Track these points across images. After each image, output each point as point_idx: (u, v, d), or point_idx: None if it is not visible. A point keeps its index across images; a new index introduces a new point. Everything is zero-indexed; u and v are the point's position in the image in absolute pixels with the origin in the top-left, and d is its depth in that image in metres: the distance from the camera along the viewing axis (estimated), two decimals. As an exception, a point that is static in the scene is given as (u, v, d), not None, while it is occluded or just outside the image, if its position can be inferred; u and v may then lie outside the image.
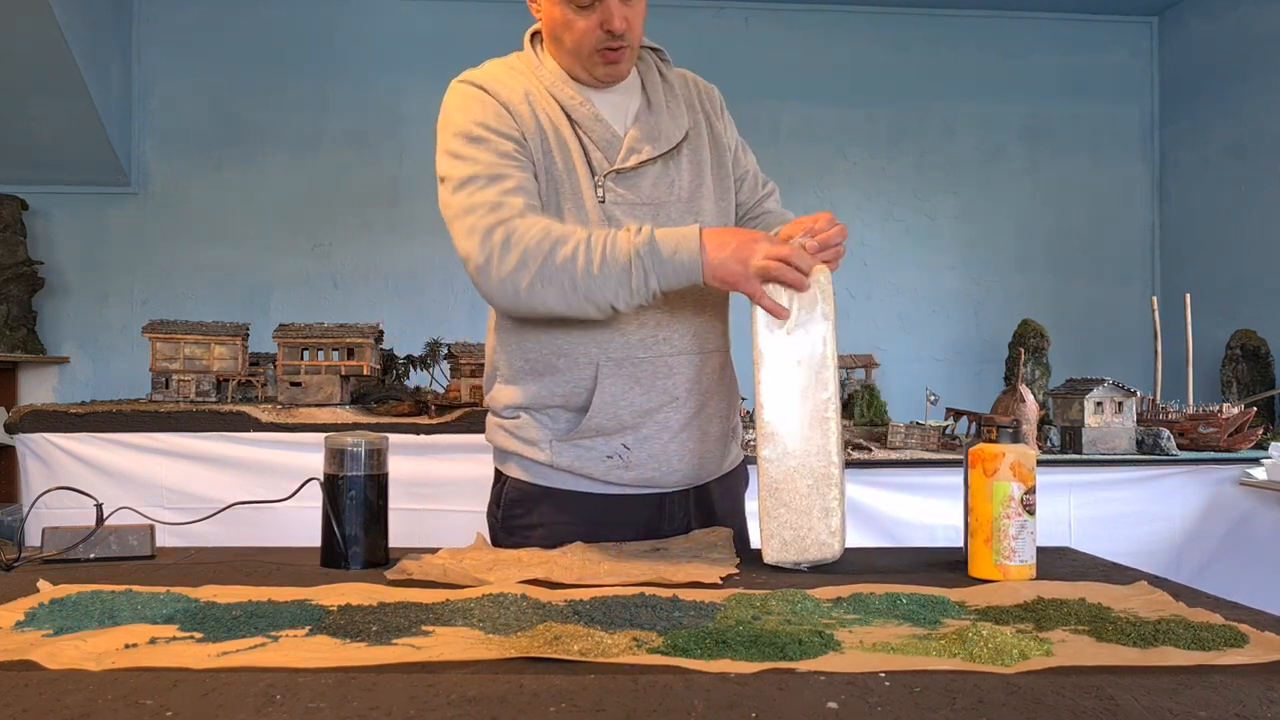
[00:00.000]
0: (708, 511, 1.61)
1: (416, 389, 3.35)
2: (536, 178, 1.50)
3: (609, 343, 1.50)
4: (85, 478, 2.89)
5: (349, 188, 4.57)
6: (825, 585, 1.23)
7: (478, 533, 1.58)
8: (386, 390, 3.23)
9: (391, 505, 1.43)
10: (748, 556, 1.42)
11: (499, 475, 1.64)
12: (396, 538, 1.44)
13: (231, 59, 4.55)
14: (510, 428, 1.58)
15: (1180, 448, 3.01)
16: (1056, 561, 1.43)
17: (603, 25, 1.47)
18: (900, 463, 2.93)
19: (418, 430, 3.00)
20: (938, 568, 1.38)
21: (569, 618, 1.06)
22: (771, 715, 0.79)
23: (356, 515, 1.39)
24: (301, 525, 1.74)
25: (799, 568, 1.36)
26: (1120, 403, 3.00)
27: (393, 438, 1.50)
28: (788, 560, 1.36)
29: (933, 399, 3.12)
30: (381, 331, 3.27)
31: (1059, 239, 4.82)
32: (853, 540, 1.77)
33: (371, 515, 1.40)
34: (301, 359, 3.14)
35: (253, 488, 2.68)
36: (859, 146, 4.78)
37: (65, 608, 1.08)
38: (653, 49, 1.65)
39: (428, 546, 1.45)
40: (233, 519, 1.52)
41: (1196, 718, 0.79)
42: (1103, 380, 3.02)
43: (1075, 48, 4.85)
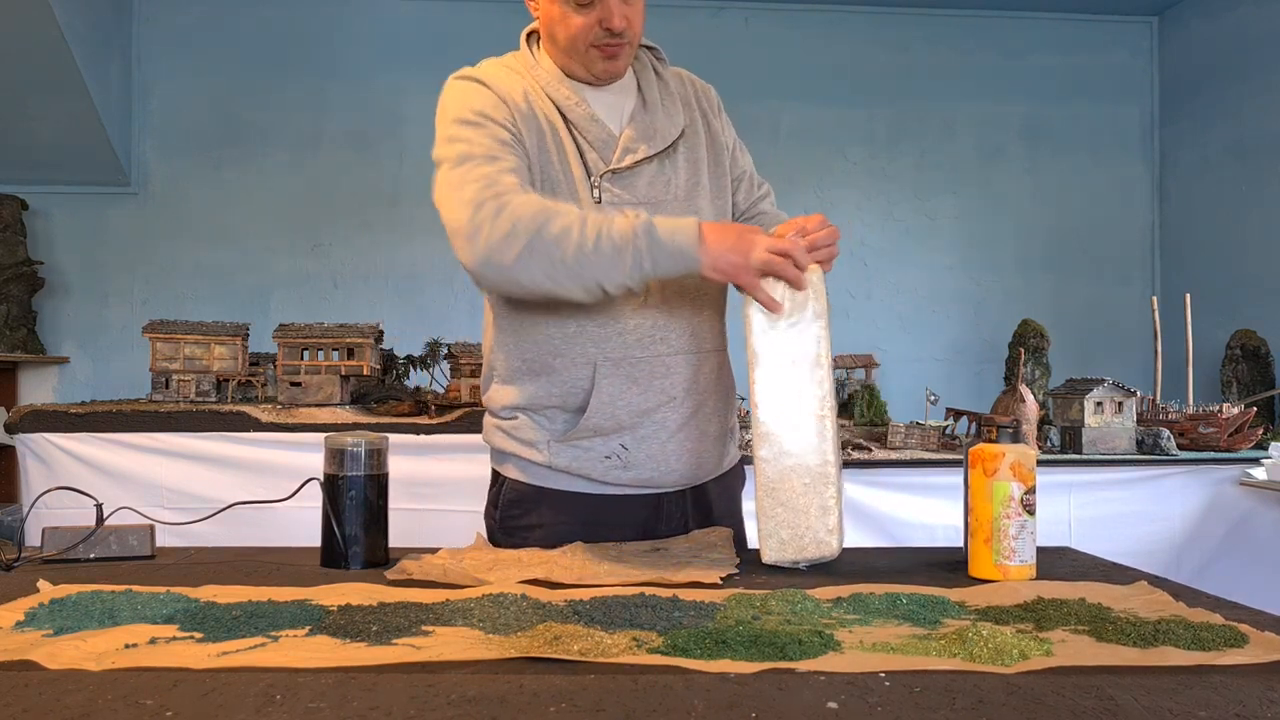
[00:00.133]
0: (705, 511, 1.61)
1: (416, 389, 3.35)
2: (530, 171, 1.50)
3: (606, 342, 1.50)
4: (85, 478, 2.89)
5: (349, 188, 4.57)
6: (825, 585, 1.23)
7: (478, 533, 1.58)
8: (386, 390, 3.23)
9: (391, 505, 1.43)
10: (747, 556, 1.42)
11: (496, 476, 1.64)
12: (396, 538, 1.44)
13: (231, 59, 4.55)
14: (508, 428, 1.58)
15: (1180, 448, 3.01)
16: (1056, 561, 1.43)
17: (602, 23, 1.47)
18: (900, 463, 2.93)
19: (418, 430, 3.00)
20: (938, 568, 1.38)
21: (569, 618, 1.06)
22: (771, 715, 0.79)
23: (356, 515, 1.39)
24: (301, 525, 1.74)
25: (797, 566, 1.36)
26: (1120, 403, 3.00)
27: (393, 438, 1.50)
28: (786, 559, 1.36)
29: (933, 399, 3.12)
30: (381, 331, 3.27)
31: (1059, 239, 4.82)
32: (853, 540, 1.77)
33: (371, 515, 1.40)
34: (301, 359, 3.14)
35: (253, 488, 2.67)
36: (859, 146, 4.78)
37: (65, 608, 1.08)
38: (648, 48, 1.64)
39: (428, 546, 1.45)
40: (233, 519, 1.52)
41: (1196, 718, 0.79)
42: (1103, 380, 3.02)
43: (1075, 48, 4.85)
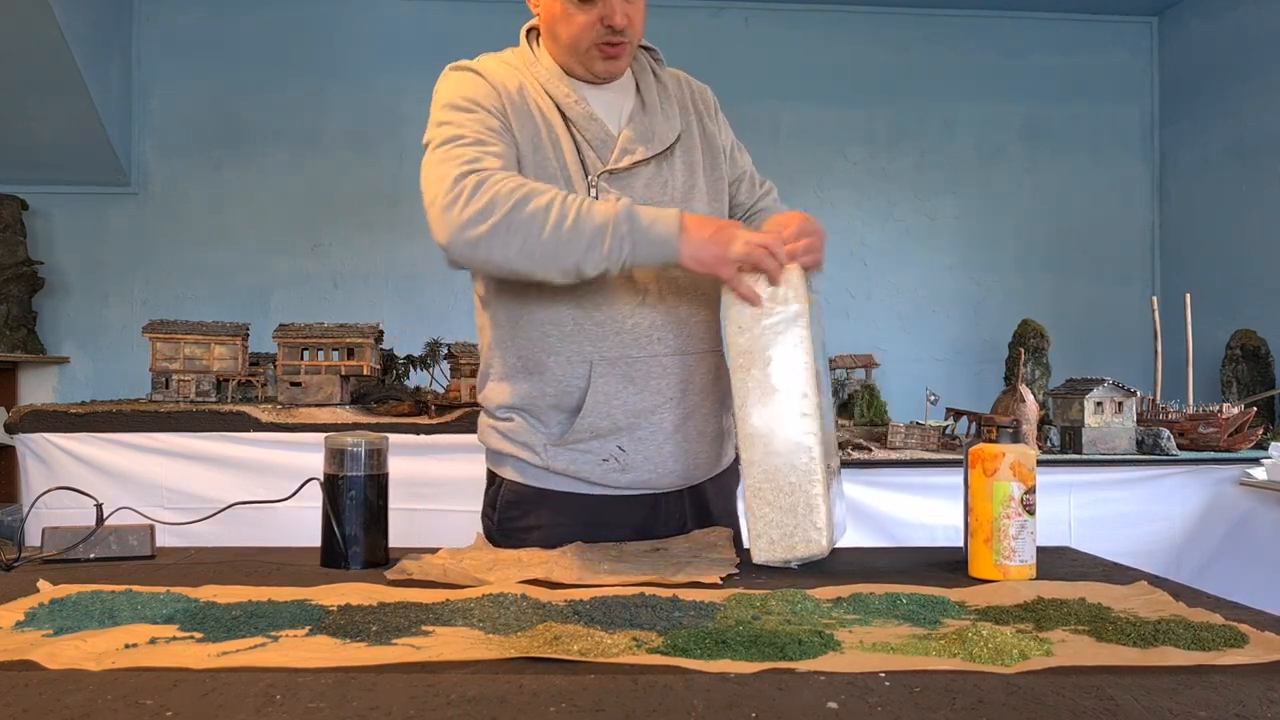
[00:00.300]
0: (703, 511, 1.61)
1: (416, 389, 3.35)
2: (519, 165, 1.49)
3: (603, 341, 1.49)
4: (85, 478, 2.89)
5: (349, 188, 4.57)
6: (825, 585, 1.23)
7: (478, 533, 1.58)
8: (386, 390, 3.23)
9: (391, 505, 1.43)
10: (746, 556, 1.42)
11: (492, 477, 1.63)
12: (396, 538, 1.44)
13: (231, 59, 4.55)
14: (504, 430, 1.57)
15: (1180, 448, 3.01)
16: (1056, 561, 1.43)
17: (603, 20, 1.47)
18: (900, 463, 2.93)
19: (418, 430, 3.00)
20: (938, 568, 1.38)
21: (569, 618, 1.06)
22: (771, 715, 0.79)
23: (356, 515, 1.39)
24: (301, 525, 1.74)
25: (789, 566, 1.36)
26: (1120, 403, 3.00)
27: (392, 438, 1.50)
28: (776, 559, 1.36)
29: (933, 399, 3.12)
30: (381, 331, 3.27)
31: (1059, 239, 4.82)
32: (853, 540, 1.76)
33: (371, 515, 1.40)
34: (301, 359, 3.14)
35: (253, 488, 2.68)
36: (859, 146, 4.78)
37: (65, 608, 1.08)
38: (646, 49, 1.64)
39: (428, 546, 1.45)
40: (233, 519, 1.52)
41: (1196, 718, 0.79)
42: (1103, 380, 3.02)
43: (1075, 48, 4.85)
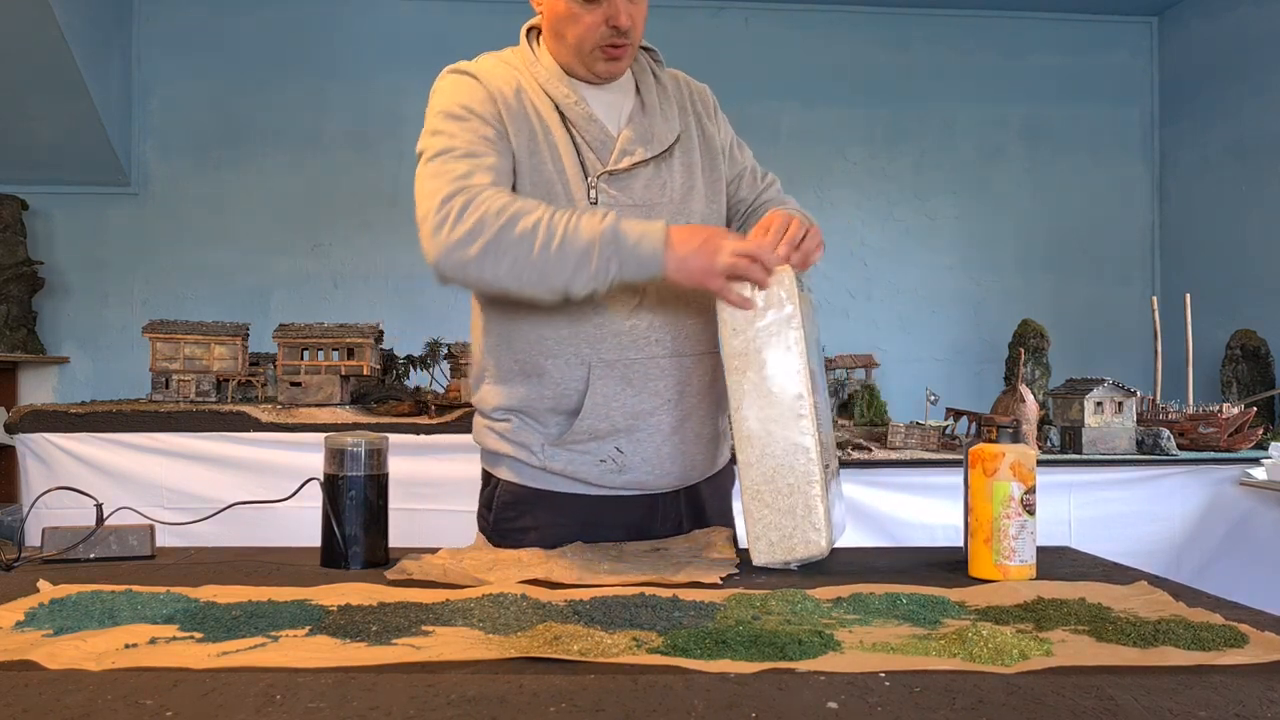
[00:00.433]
0: (698, 511, 1.60)
1: (416, 389, 3.35)
2: (515, 175, 1.49)
3: (600, 343, 1.49)
4: (85, 478, 2.89)
5: (349, 188, 4.57)
6: (825, 585, 1.23)
7: (478, 533, 1.58)
8: (386, 390, 3.23)
9: (391, 505, 1.43)
10: (745, 556, 1.42)
11: (488, 477, 1.62)
12: (396, 538, 1.44)
13: (231, 59, 4.55)
14: (501, 430, 1.56)
15: (1180, 448, 3.01)
16: (1056, 561, 1.43)
17: (608, 21, 1.46)
18: (900, 463, 2.93)
19: (418, 430, 2.99)
20: (938, 568, 1.38)
21: (569, 618, 1.06)
22: (771, 715, 0.79)
23: (356, 515, 1.39)
24: (301, 525, 1.74)
25: (789, 567, 1.36)
26: (1120, 403, 3.00)
27: (393, 438, 1.50)
28: (776, 561, 1.36)
29: (933, 399, 3.12)
30: (381, 331, 3.27)
31: (1059, 239, 4.82)
32: (853, 540, 1.76)
33: (371, 515, 1.40)
34: (301, 359, 3.14)
35: (253, 488, 2.68)
36: (859, 146, 4.78)
37: (65, 608, 1.08)
38: (646, 49, 1.63)
39: (428, 546, 1.45)
40: (233, 519, 1.52)
41: (1196, 718, 0.79)
42: (1103, 380, 3.02)
43: (1075, 48, 4.85)
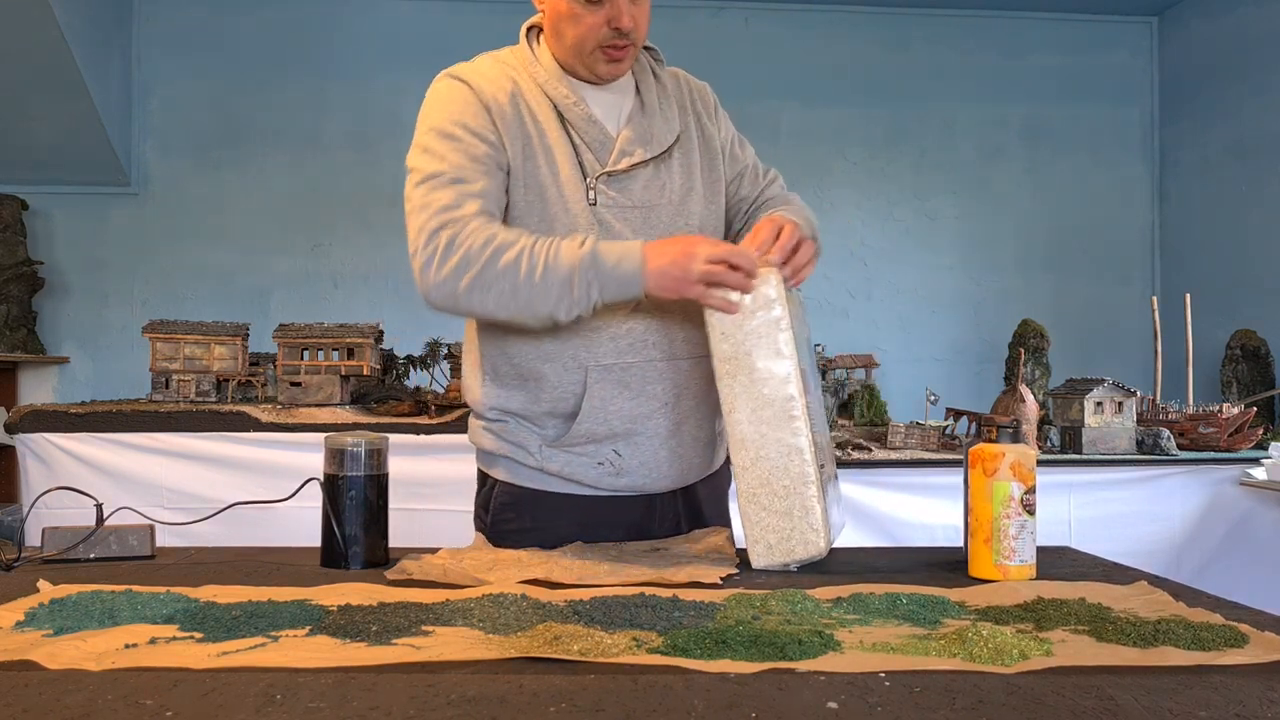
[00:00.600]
0: (696, 511, 1.60)
1: (416, 389, 3.35)
2: (509, 182, 1.48)
3: (598, 347, 1.48)
4: (85, 478, 2.89)
5: (349, 188, 4.57)
6: (825, 585, 1.23)
7: (478, 533, 1.58)
8: (386, 390, 3.23)
9: (391, 505, 1.43)
10: (744, 556, 1.42)
11: (484, 478, 1.62)
12: (396, 538, 1.44)
13: (231, 59, 4.55)
14: (498, 430, 1.56)
15: (1180, 448, 3.01)
16: (1056, 561, 1.43)
17: (610, 22, 1.45)
18: (900, 463, 2.93)
19: (418, 430, 3.00)
20: (938, 568, 1.38)
21: (569, 618, 1.06)
22: (771, 715, 0.79)
23: (356, 515, 1.39)
24: (301, 525, 1.74)
25: (789, 569, 1.36)
26: (1120, 403, 3.00)
27: (393, 438, 1.50)
28: (776, 563, 1.36)
29: (933, 399, 3.12)
30: (381, 331, 3.27)
31: (1059, 239, 4.82)
32: (853, 540, 1.76)
33: (371, 515, 1.40)
34: (301, 359, 3.14)
35: (253, 488, 2.67)
36: (859, 146, 4.78)
37: (65, 608, 1.08)
38: (646, 48, 1.62)
39: (428, 546, 1.44)
40: (233, 519, 1.52)
41: (1196, 718, 0.79)
42: (1103, 380, 3.02)
43: (1075, 48, 4.85)
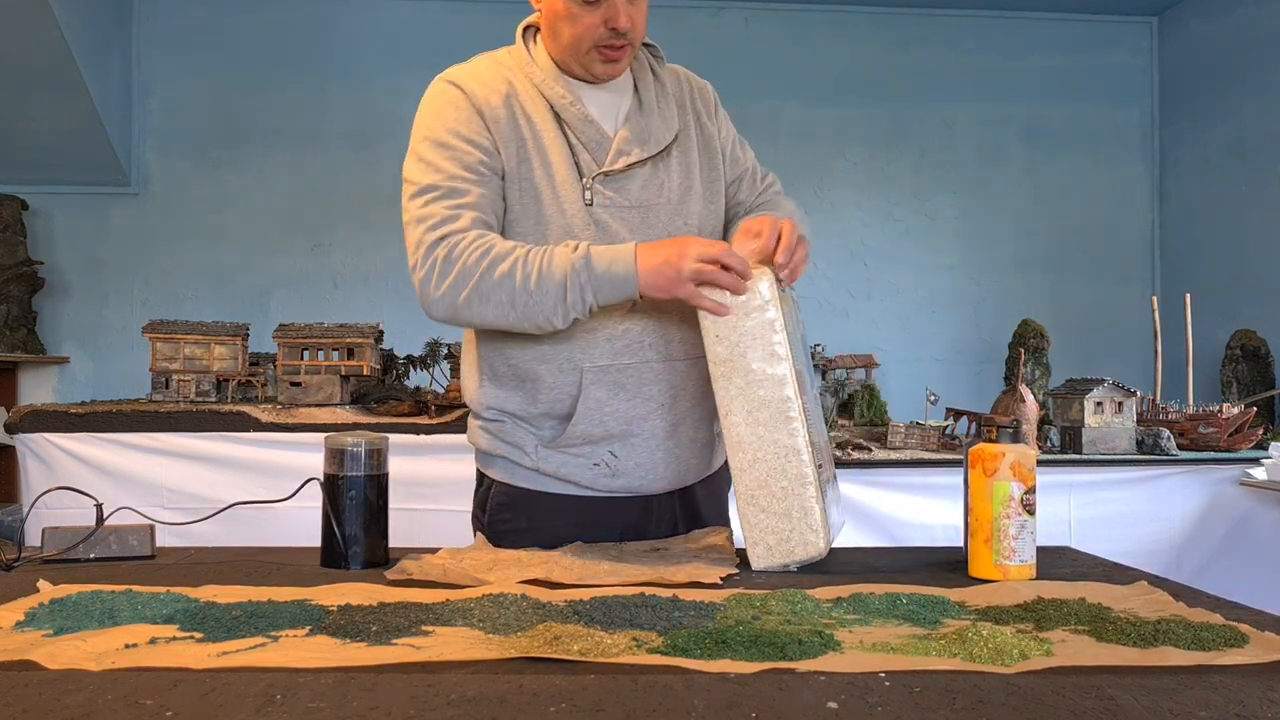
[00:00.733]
0: (693, 512, 1.60)
1: (416, 389, 3.35)
2: (505, 186, 1.48)
3: (593, 349, 1.48)
4: (85, 478, 2.89)
5: (349, 188, 4.57)
6: (825, 585, 1.23)
7: (478, 533, 1.58)
8: (386, 390, 3.23)
9: (391, 505, 1.43)
10: (744, 556, 1.42)
11: (482, 477, 1.62)
12: (396, 538, 1.44)
13: (231, 59, 4.55)
14: (495, 430, 1.56)
15: (1180, 448, 3.01)
16: (1056, 561, 1.43)
17: (607, 23, 1.45)
18: (900, 463, 2.93)
19: (418, 430, 3.00)
20: (938, 568, 1.38)
21: (569, 618, 1.06)
22: (771, 715, 0.79)
23: (356, 515, 1.39)
24: (301, 525, 1.74)
25: (789, 569, 1.36)
26: (1120, 403, 3.00)
27: (393, 438, 1.50)
28: (775, 564, 1.36)
29: (933, 399, 3.12)
30: (381, 331, 3.27)
31: (1059, 239, 4.82)
32: (853, 540, 1.76)
33: (371, 515, 1.40)
34: (301, 359, 3.14)
35: (253, 488, 2.68)
36: (859, 146, 4.78)
37: (65, 608, 1.08)
38: (646, 45, 1.61)
39: (428, 546, 1.44)
40: (233, 519, 1.52)
41: (1196, 718, 0.79)
42: (1103, 380, 3.02)
43: (1075, 48, 4.85)
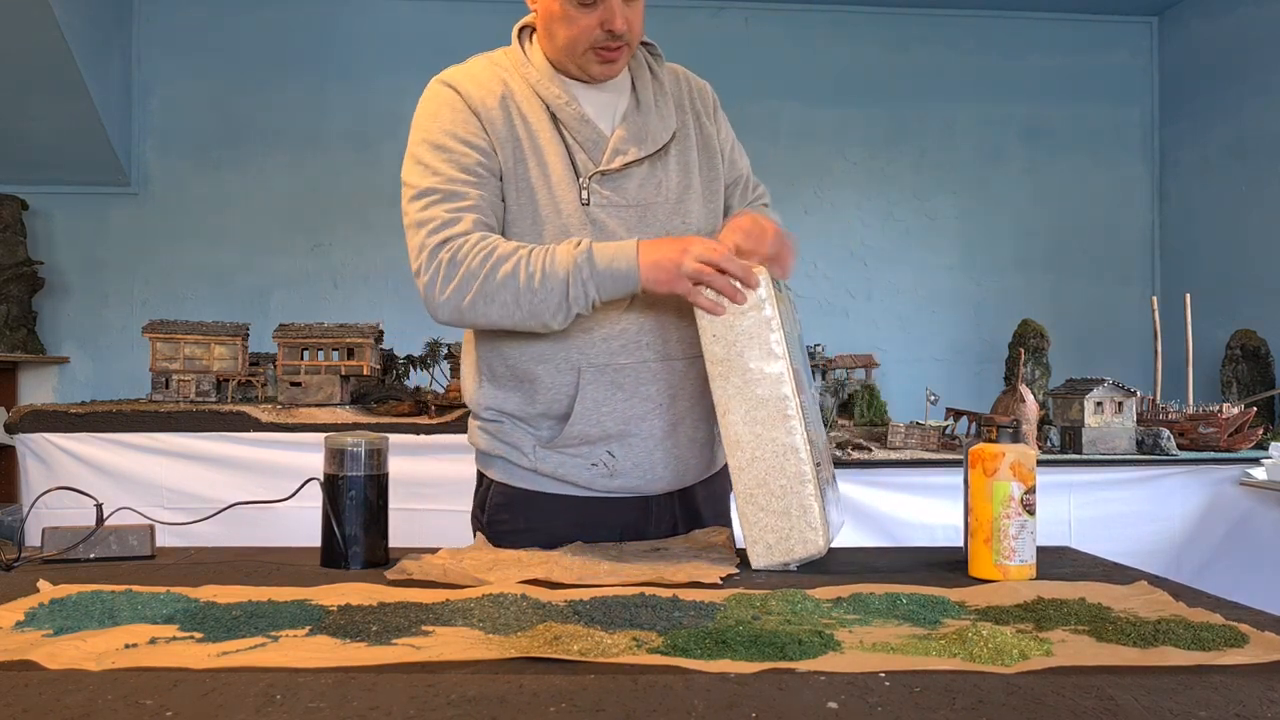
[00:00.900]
0: (693, 513, 1.60)
1: (416, 389, 3.35)
2: (503, 188, 1.49)
3: (590, 348, 1.48)
4: (85, 478, 2.89)
5: (349, 188, 4.57)
6: (825, 585, 1.23)
7: (478, 533, 1.58)
8: (386, 390, 3.23)
9: (391, 505, 1.43)
10: (744, 555, 1.42)
11: (481, 478, 1.62)
12: (396, 538, 1.44)
13: (231, 59, 4.55)
14: (493, 431, 1.56)
15: (1180, 448, 3.01)
16: (1056, 561, 1.43)
17: (603, 24, 1.44)
18: (900, 463, 2.93)
19: (418, 430, 3.00)
20: (938, 568, 1.38)
21: (569, 618, 1.06)
22: (771, 715, 0.79)
23: (356, 515, 1.39)
24: (301, 525, 1.74)
25: (788, 568, 1.36)
26: (1120, 403, 3.00)
27: (393, 438, 1.50)
28: (775, 563, 1.36)
29: (933, 399, 3.12)
30: (381, 331, 3.27)
31: (1059, 239, 4.82)
32: (853, 540, 1.76)
33: (371, 515, 1.40)
34: (301, 359, 3.14)
35: (253, 488, 2.67)
36: (859, 146, 4.78)
37: (65, 608, 1.08)
38: (644, 44, 1.61)
39: (428, 546, 1.44)
40: (233, 519, 1.52)
41: (1196, 718, 0.79)
42: (1103, 380, 3.02)
43: (1075, 48, 4.85)
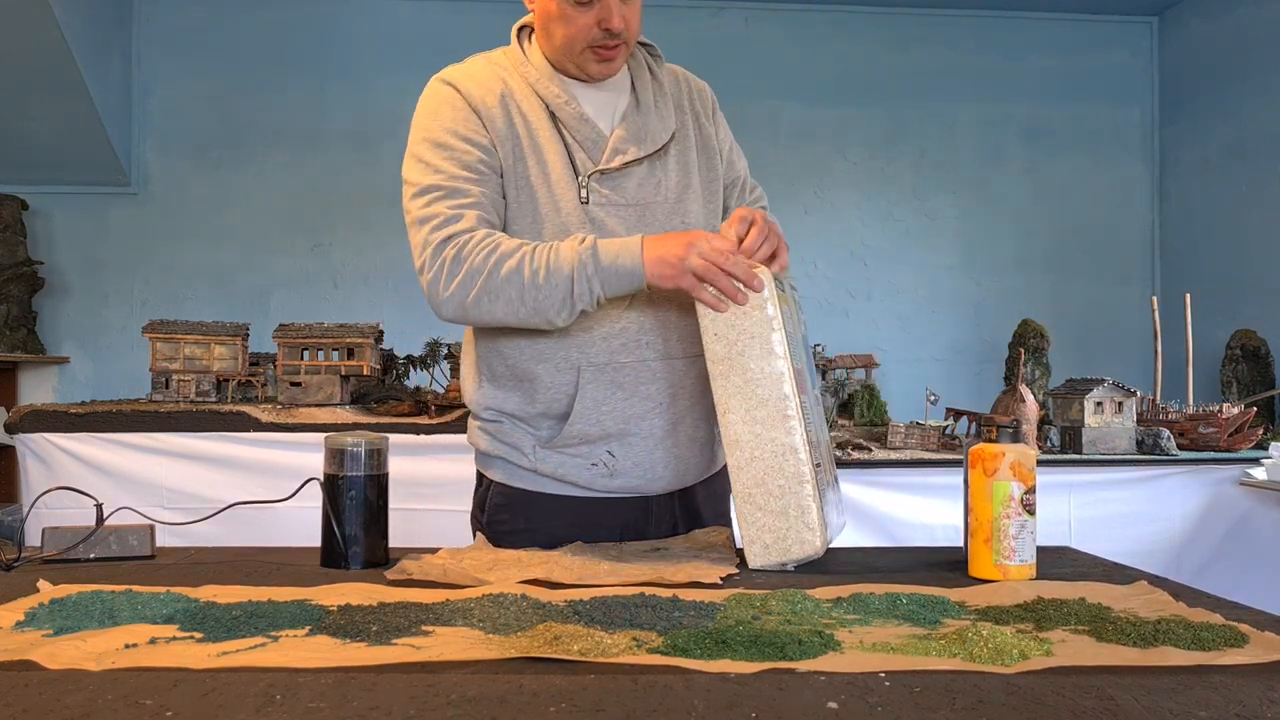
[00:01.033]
0: (693, 514, 1.60)
1: (416, 389, 3.35)
2: (504, 186, 1.49)
3: (590, 347, 1.48)
4: (85, 478, 2.89)
5: (349, 188, 4.57)
6: (825, 585, 1.23)
7: (478, 533, 1.58)
8: (386, 390, 3.23)
9: (391, 505, 1.43)
10: (743, 556, 1.42)
11: (481, 478, 1.62)
12: (396, 538, 1.44)
13: (231, 59, 4.55)
14: (493, 431, 1.56)
15: (1180, 448, 3.01)
16: (1056, 561, 1.43)
17: (601, 23, 1.45)
18: (900, 463, 2.93)
19: (418, 430, 3.00)
20: (938, 568, 1.38)
21: (569, 618, 1.06)
22: (771, 715, 0.79)
23: (356, 515, 1.39)
24: (301, 525, 1.74)
25: (786, 568, 1.36)
26: (1120, 403, 3.00)
27: (393, 438, 1.50)
28: (772, 563, 1.36)
29: (933, 399, 3.12)
30: (381, 331, 3.27)
31: (1059, 239, 4.82)
32: (853, 540, 1.76)
33: (371, 515, 1.40)
34: (301, 359, 3.14)
35: (253, 488, 2.68)
36: (859, 146, 4.78)
37: (65, 608, 1.08)
38: (644, 44, 1.62)
39: (428, 546, 1.44)
40: (233, 519, 1.52)
41: (1196, 718, 0.79)
42: (1103, 380, 3.02)
43: (1075, 48, 4.85)
